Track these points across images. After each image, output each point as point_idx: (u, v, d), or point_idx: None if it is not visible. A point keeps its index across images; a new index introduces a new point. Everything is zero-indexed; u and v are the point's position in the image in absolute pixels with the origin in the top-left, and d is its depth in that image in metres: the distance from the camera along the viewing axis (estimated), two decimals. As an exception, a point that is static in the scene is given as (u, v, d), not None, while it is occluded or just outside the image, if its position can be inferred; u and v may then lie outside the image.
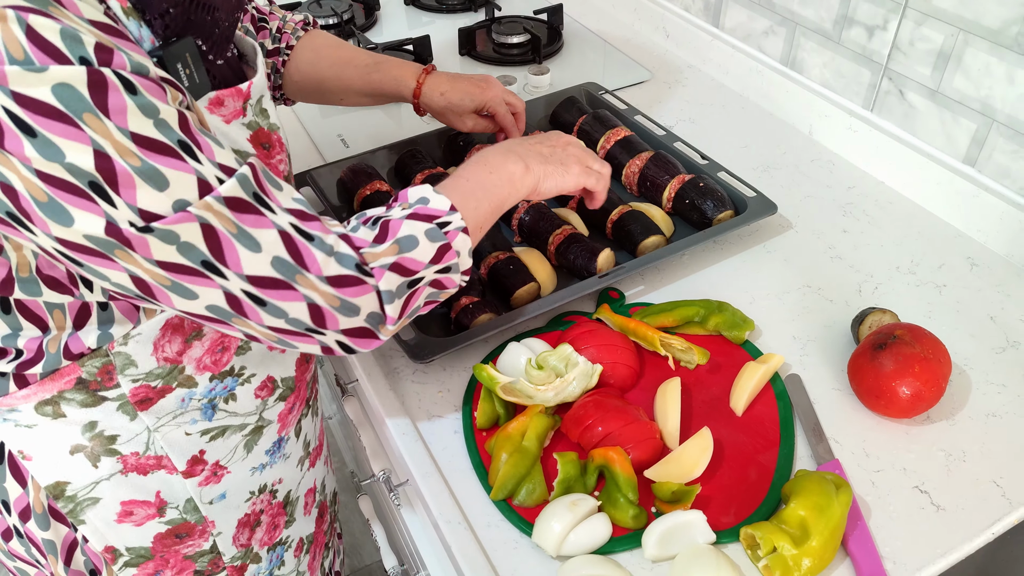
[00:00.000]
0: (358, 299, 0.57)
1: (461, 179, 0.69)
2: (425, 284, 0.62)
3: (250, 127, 0.62)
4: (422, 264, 0.61)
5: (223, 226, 0.51)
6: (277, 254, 0.53)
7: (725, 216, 0.94)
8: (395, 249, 0.59)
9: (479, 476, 0.72)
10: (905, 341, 0.73)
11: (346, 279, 0.56)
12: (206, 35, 0.58)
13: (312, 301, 0.55)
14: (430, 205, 0.63)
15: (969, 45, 0.90)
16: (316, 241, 0.55)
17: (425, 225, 0.62)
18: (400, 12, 1.55)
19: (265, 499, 0.78)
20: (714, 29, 1.28)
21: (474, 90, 0.94)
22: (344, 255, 0.57)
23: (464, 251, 0.64)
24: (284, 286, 0.54)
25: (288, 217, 0.54)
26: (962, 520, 0.67)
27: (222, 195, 0.51)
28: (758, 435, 0.74)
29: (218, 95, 0.58)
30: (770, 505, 0.68)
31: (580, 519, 0.65)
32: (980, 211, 0.94)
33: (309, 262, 0.55)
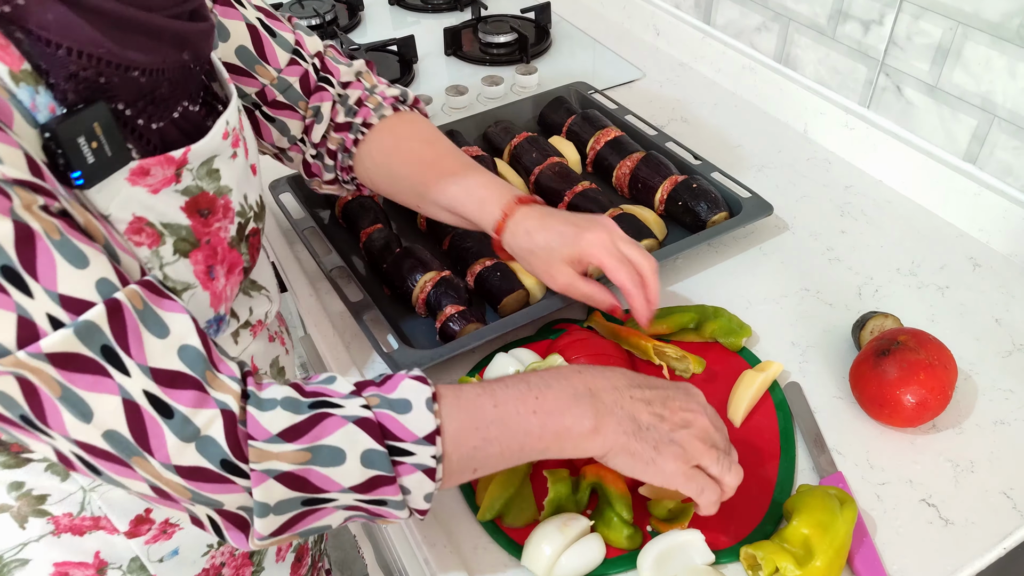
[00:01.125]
0: (218, 495, 0.47)
1: (488, 398, 0.53)
2: (337, 508, 0.50)
3: (187, 193, 0.54)
4: (337, 486, 0.48)
5: (45, 386, 0.42)
6: (112, 428, 0.43)
7: (719, 218, 0.91)
8: (303, 457, 0.47)
9: (465, 496, 0.68)
10: (909, 347, 0.70)
11: (202, 472, 0.45)
12: (132, 98, 0.50)
13: (155, 485, 0.46)
14: (404, 418, 0.50)
15: (969, 39, 0.87)
16: (176, 420, 0.45)
17: (369, 443, 0.48)
18: (384, 12, 1.52)
19: (226, 550, 0.71)
20: (705, 26, 1.25)
21: (568, 230, 0.70)
22: (211, 442, 0.45)
23: (419, 493, 0.51)
24: (119, 462, 0.45)
25: (146, 382, 0.44)
26: (972, 534, 0.64)
27: (43, 351, 0.41)
28: (757, 447, 0.70)
29: (141, 165, 0.50)
30: (771, 522, 0.65)
31: (572, 540, 0.62)
32: (982, 210, 0.91)
33: (155, 445, 0.44)
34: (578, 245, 0.69)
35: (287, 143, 0.78)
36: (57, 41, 0.45)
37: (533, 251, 0.71)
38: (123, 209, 0.50)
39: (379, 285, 0.89)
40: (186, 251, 0.55)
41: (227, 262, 0.59)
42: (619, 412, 0.55)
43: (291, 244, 0.96)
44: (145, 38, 0.49)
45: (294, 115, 0.76)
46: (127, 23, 0.48)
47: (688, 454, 0.56)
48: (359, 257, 0.93)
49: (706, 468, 0.57)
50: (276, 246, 0.97)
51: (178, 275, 0.54)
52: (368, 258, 0.91)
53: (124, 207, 0.50)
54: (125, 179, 0.50)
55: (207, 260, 0.56)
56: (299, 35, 0.76)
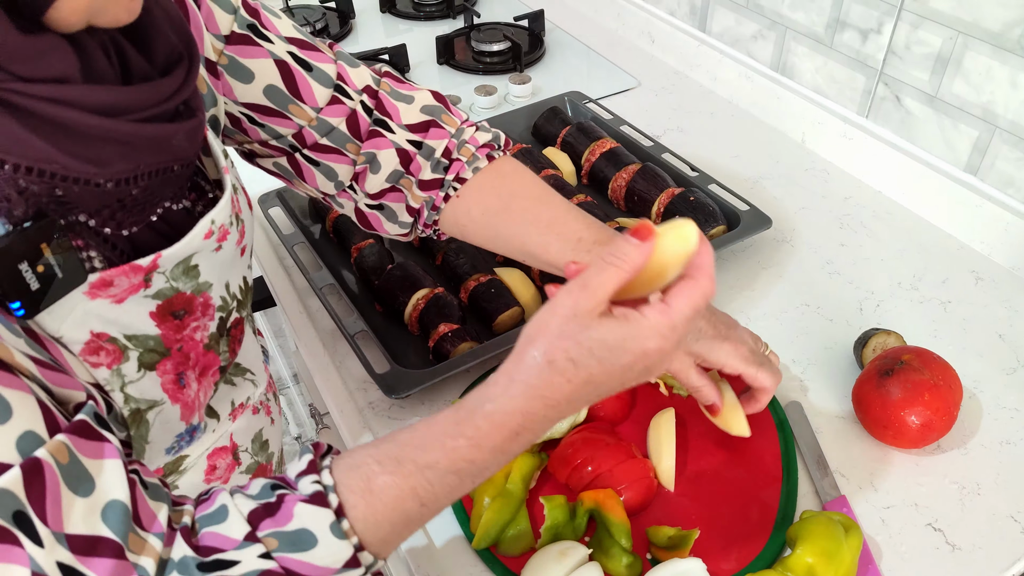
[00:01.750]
0: None
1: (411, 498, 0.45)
2: None
3: (158, 296, 0.48)
4: None
5: None
6: None
7: (717, 232, 0.89)
8: None
9: (460, 522, 0.66)
10: (913, 367, 0.68)
11: None
12: (96, 208, 0.44)
13: None
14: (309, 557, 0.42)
15: (969, 48, 0.86)
16: None
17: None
18: (376, 20, 1.50)
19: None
20: (701, 34, 1.24)
21: (708, 329, 0.62)
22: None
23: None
24: None
25: (60, 552, 0.38)
26: (979, 560, 0.63)
27: None
28: (758, 470, 0.69)
29: (102, 277, 0.44)
30: (774, 549, 0.63)
31: (570, 570, 0.60)
32: (983, 222, 0.90)
33: None
34: (718, 350, 0.61)
35: (334, 189, 0.69)
36: (1, 158, 0.40)
37: None
38: (78, 328, 0.45)
39: (371, 302, 0.87)
40: (153, 362, 0.49)
41: (200, 366, 0.54)
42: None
43: (281, 259, 0.94)
44: (111, 146, 0.42)
45: (342, 159, 0.66)
46: (87, 133, 0.41)
47: None
48: (350, 272, 0.91)
49: None
50: (265, 261, 0.95)
51: (143, 393, 0.50)
52: (359, 274, 0.89)
53: (79, 326, 0.45)
54: (83, 293, 0.45)
55: (177, 368, 0.51)
56: (341, 66, 0.65)
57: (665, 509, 0.66)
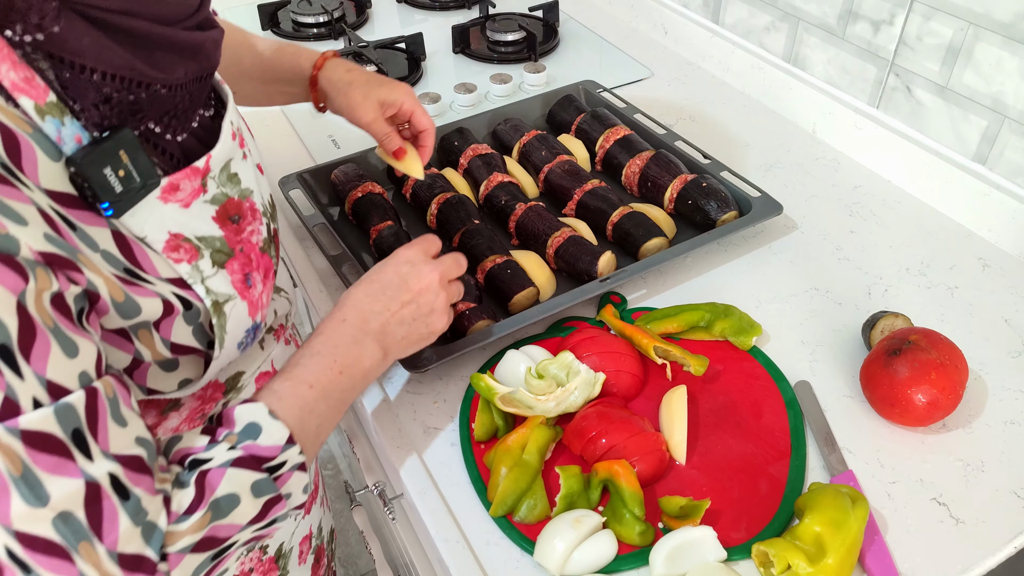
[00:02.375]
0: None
1: (303, 385, 0.58)
2: (237, 548, 0.53)
3: (215, 202, 0.55)
4: (238, 527, 0.51)
5: (7, 462, 0.41)
6: (68, 510, 0.43)
7: (729, 217, 0.91)
8: (206, 520, 0.49)
9: (478, 491, 0.69)
10: (920, 347, 0.70)
11: (141, 563, 0.46)
12: (160, 114, 0.52)
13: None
14: (260, 441, 0.53)
15: (979, 39, 0.87)
16: (131, 503, 0.46)
17: (252, 476, 0.51)
18: (392, 10, 1.52)
19: (254, 556, 0.72)
20: (714, 25, 1.25)
21: (383, 78, 0.82)
22: (154, 530, 0.47)
23: (298, 490, 0.55)
24: (60, 554, 0.43)
25: (111, 465, 0.45)
26: (983, 533, 0.64)
27: (20, 427, 0.41)
28: (768, 445, 0.71)
29: (170, 182, 0.51)
30: (782, 520, 0.65)
31: (584, 536, 0.62)
32: (991, 210, 0.91)
33: (107, 529, 0.44)
34: (393, 92, 0.80)
35: None
36: (92, 66, 0.46)
37: (352, 83, 0.80)
38: (159, 229, 0.51)
39: (389, 282, 0.89)
40: (222, 262, 0.56)
41: (261, 268, 0.60)
42: (391, 331, 0.64)
43: (301, 240, 0.97)
44: (167, 53, 0.50)
45: None
46: (152, 41, 0.49)
47: (443, 307, 0.68)
48: (368, 254, 0.93)
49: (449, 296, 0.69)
50: (287, 243, 0.97)
51: (219, 287, 0.55)
52: (378, 255, 0.91)
53: (159, 227, 0.51)
54: (157, 198, 0.51)
55: (243, 268, 0.58)
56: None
57: (677, 482, 0.68)
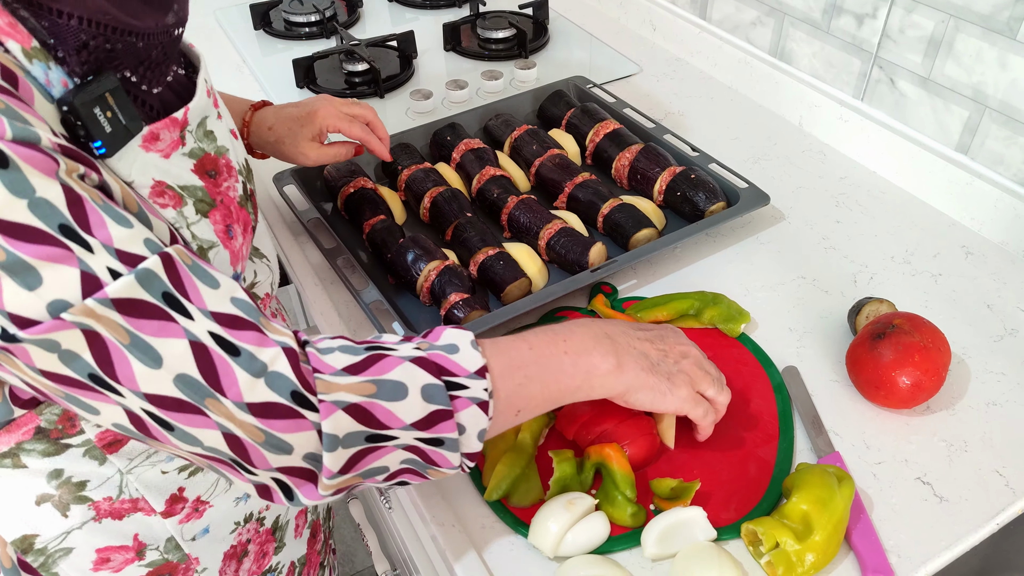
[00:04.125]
0: (289, 435, 0.47)
1: (523, 342, 0.57)
2: (397, 447, 0.51)
3: (192, 156, 0.56)
4: (400, 421, 0.50)
5: (112, 334, 0.43)
6: (183, 371, 0.44)
7: (717, 208, 0.93)
8: (368, 389, 0.49)
9: (472, 477, 0.70)
10: (904, 330, 0.71)
11: (274, 408, 0.46)
12: (137, 63, 0.53)
13: (228, 431, 0.46)
14: (455, 357, 0.52)
15: (960, 31, 0.89)
16: (243, 356, 0.46)
17: (428, 378, 0.51)
18: (383, 8, 1.53)
19: (252, 528, 0.74)
20: (701, 21, 1.27)
21: (300, 114, 0.83)
22: (279, 376, 0.47)
23: (473, 429, 0.53)
24: (192, 410, 0.45)
25: (209, 323, 0.46)
26: (965, 511, 0.66)
27: (109, 296, 0.42)
28: (757, 429, 0.72)
29: (151, 130, 0.52)
30: (771, 500, 0.66)
31: (577, 518, 0.63)
32: (974, 199, 0.93)
33: (227, 383, 0.45)
34: (315, 123, 0.82)
35: None
36: (69, 11, 0.47)
37: (280, 140, 0.83)
38: (143, 174, 0.53)
39: (383, 275, 0.90)
40: (205, 211, 0.57)
41: (241, 220, 0.62)
42: (633, 351, 0.61)
43: (296, 236, 0.98)
44: (140, 3, 0.51)
45: None
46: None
47: (693, 380, 0.63)
48: (362, 249, 0.94)
49: (705, 391, 0.64)
50: (281, 238, 0.98)
51: (203, 234, 0.57)
52: (372, 248, 0.92)
53: (144, 172, 0.53)
54: (139, 146, 0.52)
55: (224, 219, 0.59)
56: None
57: (668, 464, 0.70)
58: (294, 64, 1.26)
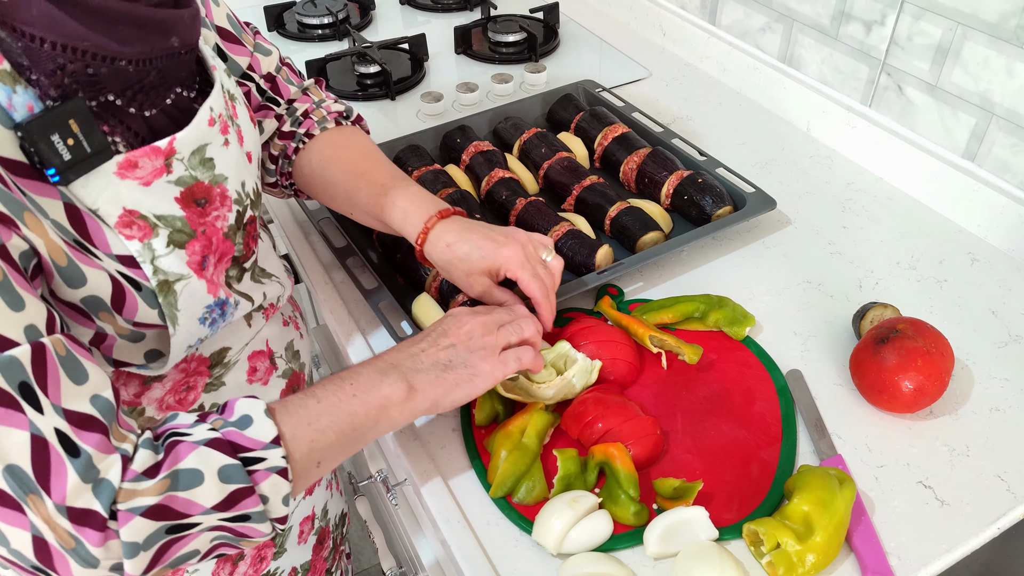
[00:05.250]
0: (98, 549, 0.47)
1: (311, 398, 0.58)
2: (202, 530, 0.51)
3: (180, 183, 0.55)
4: (199, 508, 0.50)
5: None
6: (14, 463, 0.44)
7: (724, 212, 0.93)
8: (163, 486, 0.48)
9: (478, 474, 0.71)
10: (907, 335, 0.72)
11: (91, 517, 0.46)
12: (124, 87, 0.52)
13: (39, 535, 0.45)
14: (247, 431, 0.52)
15: (967, 39, 0.90)
16: (80, 459, 0.46)
17: (223, 459, 0.51)
18: (395, 11, 1.54)
19: None
20: (711, 27, 1.28)
21: (486, 244, 0.71)
22: (106, 486, 0.47)
23: (276, 497, 0.53)
24: (10, 505, 0.45)
25: (57, 420, 0.46)
26: (967, 515, 0.67)
27: None
28: (760, 431, 0.73)
29: (128, 158, 0.51)
30: (773, 501, 0.67)
31: (581, 516, 0.64)
32: (980, 206, 0.93)
33: (55, 483, 0.45)
34: (496, 260, 0.71)
35: None
36: (42, 36, 0.47)
37: (452, 262, 0.73)
38: (112, 203, 0.52)
39: (392, 274, 0.91)
40: (182, 242, 0.56)
41: (219, 251, 0.60)
42: (421, 368, 0.63)
43: (307, 235, 0.99)
44: (131, 28, 0.50)
45: None
46: (111, 15, 0.49)
47: (491, 348, 0.65)
48: (372, 249, 0.95)
49: (510, 341, 0.67)
50: (292, 237, 0.99)
51: (171, 267, 0.56)
52: (382, 248, 0.93)
53: (113, 201, 0.52)
54: (113, 173, 0.51)
55: (203, 251, 0.58)
56: (255, 58, 0.76)
57: (671, 464, 0.70)
58: (307, 65, 1.28)
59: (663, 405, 0.75)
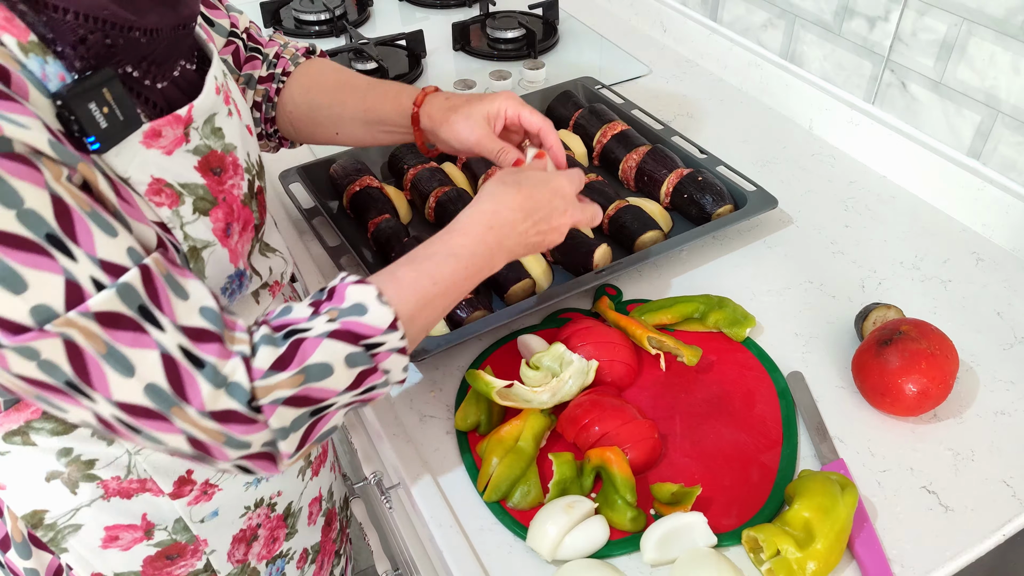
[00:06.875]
0: (247, 436, 0.51)
1: (428, 279, 0.60)
2: (338, 408, 0.56)
3: (197, 152, 0.57)
4: (333, 392, 0.54)
5: (90, 345, 0.45)
6: (153, 381, 0.47)
7: (724, 211, 0.92)
8: (298, 380, 0.52)
9: (472, 478, 0.69)
10: (911, 337, 0.70)
11: (233, 415, 0.50)
12: (139, 59, 0.53)
13: (192, 436, 0.50)
14: (365, 319, 0.55)
15: (973, 35, 0.88)
16: (207, 369, 0.49)
17: (348, 348, 0.54)
18: (393, 7, 1.53)
19: (262, 513, 0.74)
20: (712, 23, 1.26)
21: (481, 95, 0.78)
22: (237, 387, 0.50)
23: (397, 369, 0.57)
24: (159, 417, 0.48)
25: (179, 337, 0.48)
26: (971, 521, 0.65)
27: (91, 310, 0.45)
28: (760, 434, 0.71)
29: (152, 127, 0.53)
30: (773, 506, 0.66)
31: (576, 522, 0.63)
32: (985, 205, 0.92)
33: (191, 394, 0.48)
34: (493, 102, 0.76)
35: None
36: (64, 6, 0.48)
37: (452, 109, 0.76)
38: (141, 171, 0.53)
39: (387, 274, 0.90)
40: (206, 209, 0.58)
41: (241, 219, 0.62)
42: (520, 250, 0.67)
43: (301, 234, 0.98)
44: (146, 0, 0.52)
45: None
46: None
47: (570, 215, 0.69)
48: (367, 247, 0.94)
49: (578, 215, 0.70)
50: (287, 235, 0.98)
51: (198, 234, 0.57)
52: (376, 247, 0.92)
53: (142, 169, 0.53)
54: (139, 143, 0.52)
55: (226, 218, 0.59)
56: (233, 16, 0.80)
57: (669, 469, 0.69)
58: (303, 62, 1.26)
59: (661, 408, 0.74)
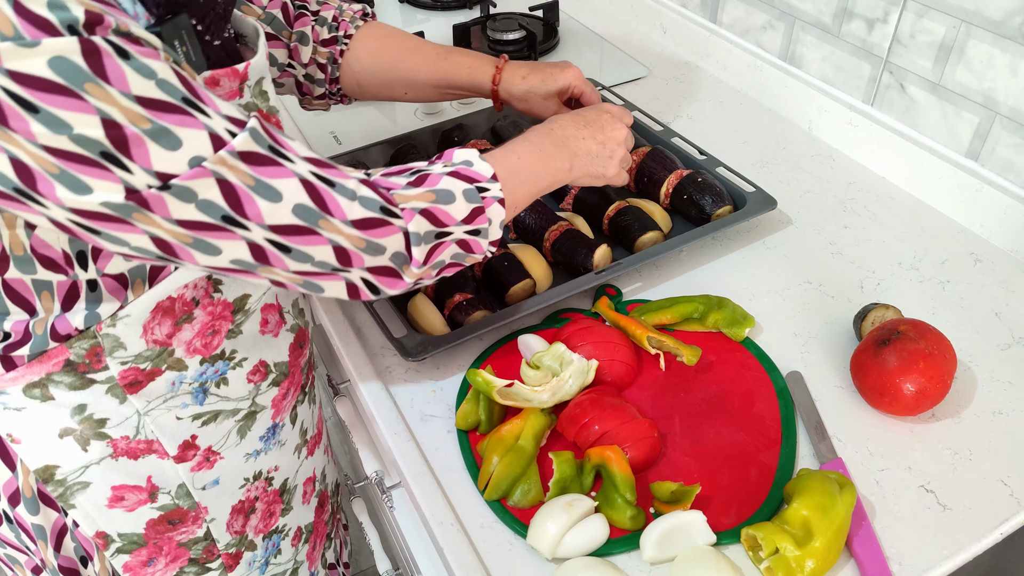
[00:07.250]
0: (384, 239, 0.58)
1: (512, 155, 0.70)
2: (452, 240, 0.63)
3: (248, 108, 0.61)
4: (454, 220, 0.62)
5: (240, 180, 0.51)
6: (299, 201, 0.54)
7: (724, 212, 0.92)
8: (430, 197, 0.61)
9: (473, 477, 0.70)
10: (909, 337, 0.71)
11: (371, 221, 0.57)
12: (201, 14, 0.58)
13: (337, 244, 0.56)
14: (473, 168, 0.65)
15: (971, 37, 0.88)
16: (337, 187, 0.56)
17: (463, 184, 0.63)
18: (394, 9, 1.53)
19: (260, 486, 0.77)
20: (712, 25, 1.27)
21: (553, 71, 0.90)
22: (367, 198, 0.57)
23: (496, 221, 0.65)
24: (308, 232, 0.55)
25: (306, 165, 0.55)
26: (969, 520, 0.65)
27: (236, 149, 0.50)
28: (759, 434, 0.72)
29: (213, 75, 0.58)
30: (772, 505, 0.66)
31: (576, 520, 0.63)
32: (983, 206, 0.92)
33: (332, 207, 0.55)
34: (565, 79, 0.89)
35: (276, 72, 0.88)
36: None
37: (530, 91, 0.89)
38: None
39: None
40: None
41: None
42: (582, 152, 0.76)
43: (302, 234, 0.98)
44: None
45: (279, 44, 0.85)
46: None
47: (617, 160, 0.79)
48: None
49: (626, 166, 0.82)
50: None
51: None
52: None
53: None
54: None
55: None
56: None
57: (669, 468, 0.69)
58: (304, 63, 1.27)
59: (661, 407, 0.74)
